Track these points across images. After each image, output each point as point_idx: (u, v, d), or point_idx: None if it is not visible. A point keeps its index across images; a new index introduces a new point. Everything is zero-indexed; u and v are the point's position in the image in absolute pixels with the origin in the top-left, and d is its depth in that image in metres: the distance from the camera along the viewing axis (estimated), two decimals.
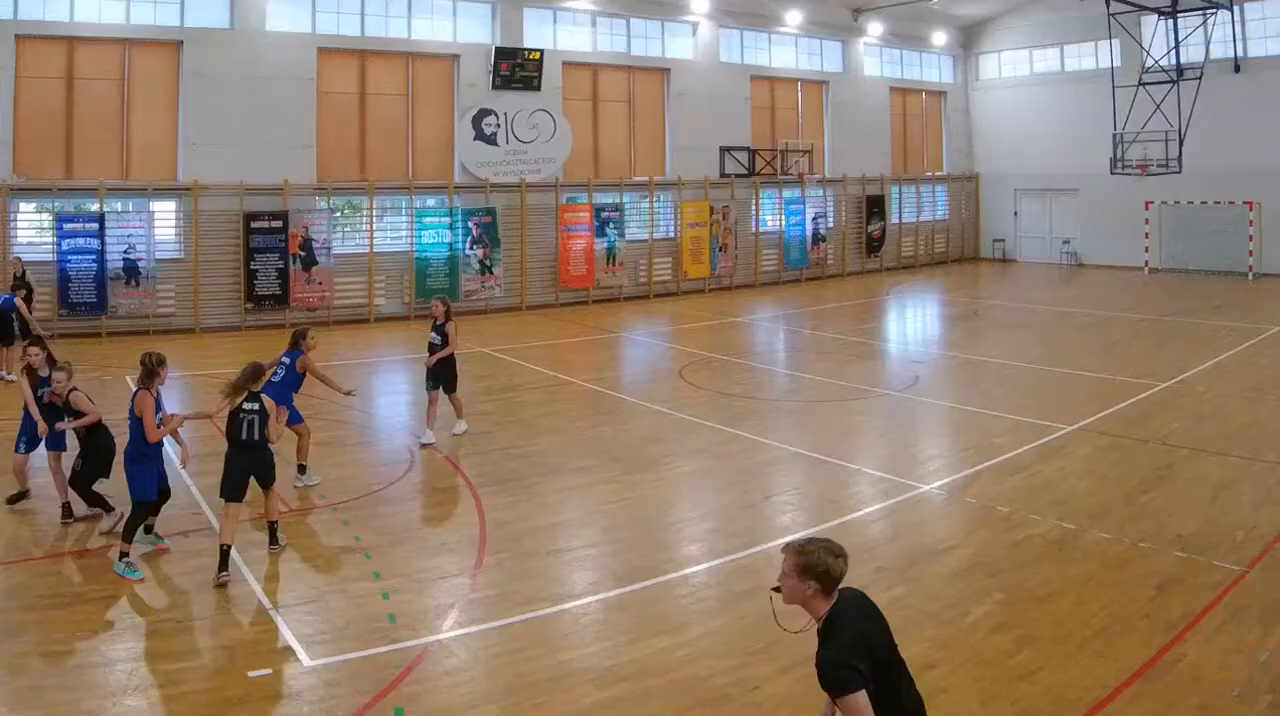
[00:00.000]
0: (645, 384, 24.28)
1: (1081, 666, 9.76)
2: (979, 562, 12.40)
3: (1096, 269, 48.61)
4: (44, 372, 14.25)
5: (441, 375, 18.34)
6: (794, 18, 45.22)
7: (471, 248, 37.28)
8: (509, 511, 14.39)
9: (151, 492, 12.58)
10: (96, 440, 13.88)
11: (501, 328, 33.03)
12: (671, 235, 42.24)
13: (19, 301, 24.51)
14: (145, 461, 12.52)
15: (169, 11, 33.50)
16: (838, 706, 5.80)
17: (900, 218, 50.15)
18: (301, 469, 15.95)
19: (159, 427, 12.64)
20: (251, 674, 9.58)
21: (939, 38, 51.07)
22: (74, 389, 13.90)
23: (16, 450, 14.55)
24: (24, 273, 26.35)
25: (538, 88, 38.89)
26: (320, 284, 34.65)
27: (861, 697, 5.63)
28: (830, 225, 46.92)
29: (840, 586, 6.10)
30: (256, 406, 12.43)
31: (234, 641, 10.36)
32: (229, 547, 11.92)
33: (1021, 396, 21.88)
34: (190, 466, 14.35)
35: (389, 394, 23.33)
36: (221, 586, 11.60)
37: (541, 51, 38.87)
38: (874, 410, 21.13)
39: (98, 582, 11.87)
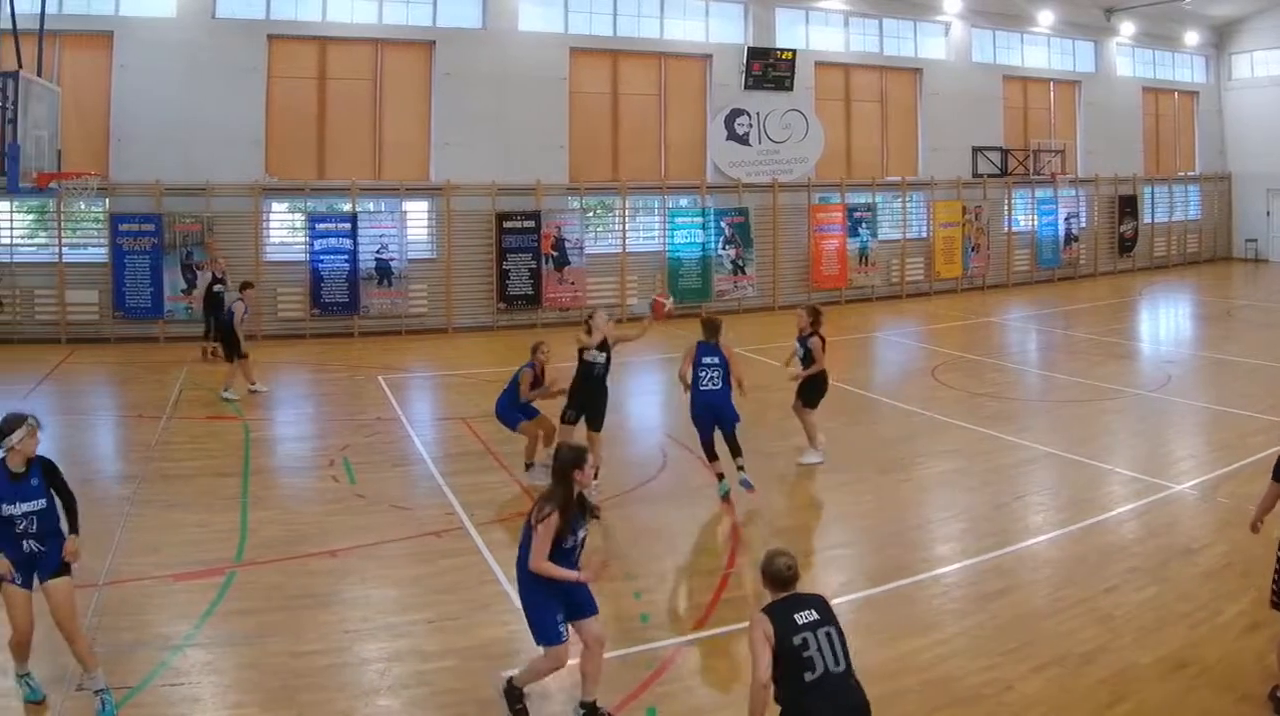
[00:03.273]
0: (897, 384, 21.22)
1: None
2: (1231, 562, 10.71)
3: None
4: None
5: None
6: (1046, 18, 37.16)
7: (724, 247, 31.06)
8: (761, 511, 12.75)
9: None
10: None
11: (754, 327, 27.97)
12: (924, 235, 34.99)
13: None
14: None
15: (421, 11, 28.15)
16: None
17: (1152, 217, 41.38)
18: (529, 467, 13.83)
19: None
20: (504, 673, 8.04)
21: (1191, 37, 41.86)
22: None
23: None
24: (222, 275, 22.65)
25: (790, 88, 32.16)
26: (573, 284, 28.92)
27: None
28: (1082, 225, 38.82)
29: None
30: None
31: (486, 641, 9.16)
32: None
33: (1276, 396, 18.69)
34: (443, 466, 13.86)
35: (641, 394, 19.88)
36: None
37: (794, 51, 32.18)
38: (1126, 410, 18.32)
39: (348, 583, 10.49)
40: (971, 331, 28.00)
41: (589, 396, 13.25)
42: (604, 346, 13.20)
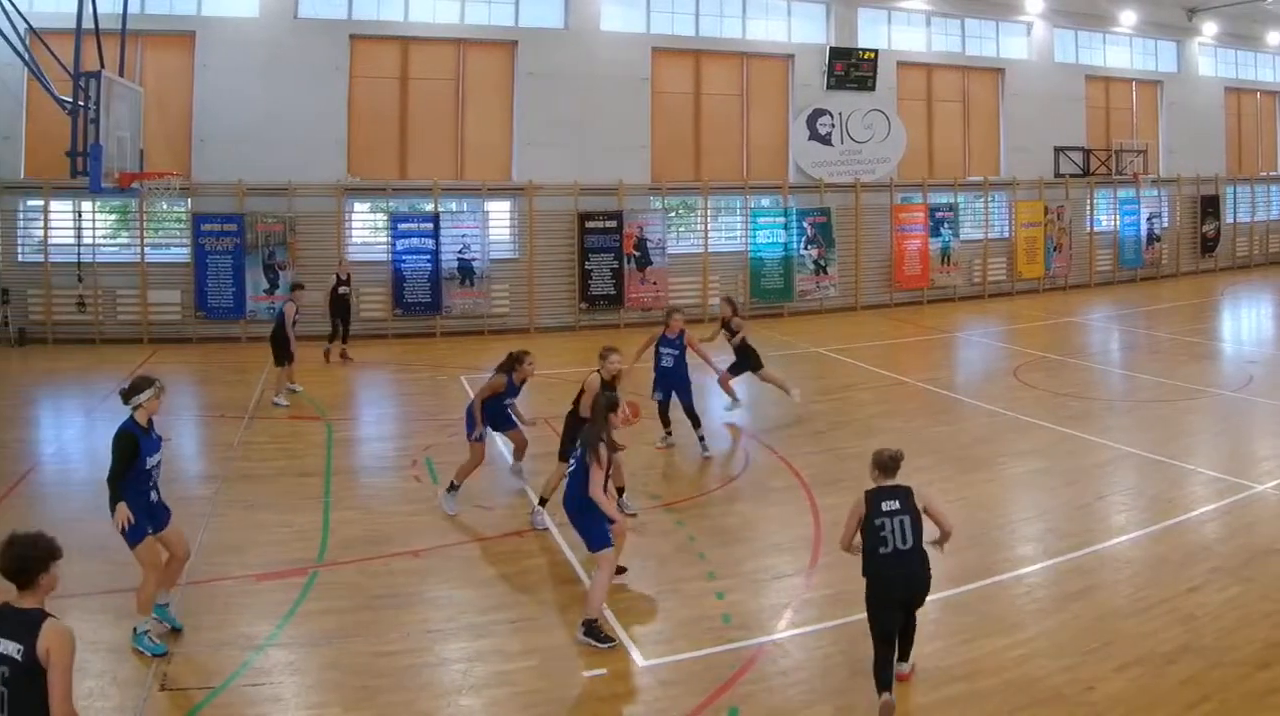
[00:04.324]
0: (979, 383, 19.99)
1: None
2: None
3: None
4: None
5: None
6: (1128, 18, 34.29)
7: (806, 247, 28.75)
8: (843, 511, 9.89)
9: None
10: None
11: (836, 327, 26.35)
12: (1006, 235, 32.37)
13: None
14: None
15: (504, 11, 26.21)
16: None
17: (1234, 217, 38.36)
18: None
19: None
20: (586, 674, 7.94)
21: (1274, 37, 38.55)
22: None
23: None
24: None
25: (872, 88, 29.79)
26: (655, 284, 26.76)
27: None
28: (1164, 225, 35.92)
29: None
30: None
31: (568, 641, 8.50)
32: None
33: None
34: (523, 465, 13.04)
35: (723, 395, 17.43)
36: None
37: (876, 52, 29.80)
38: (1208, 410, 17.21)
39: (430, 582, 9.80)
40: (1054, 331, 26.06)
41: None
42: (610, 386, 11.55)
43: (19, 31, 19.17)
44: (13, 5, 18.99)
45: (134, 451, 8.08)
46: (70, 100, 18.08)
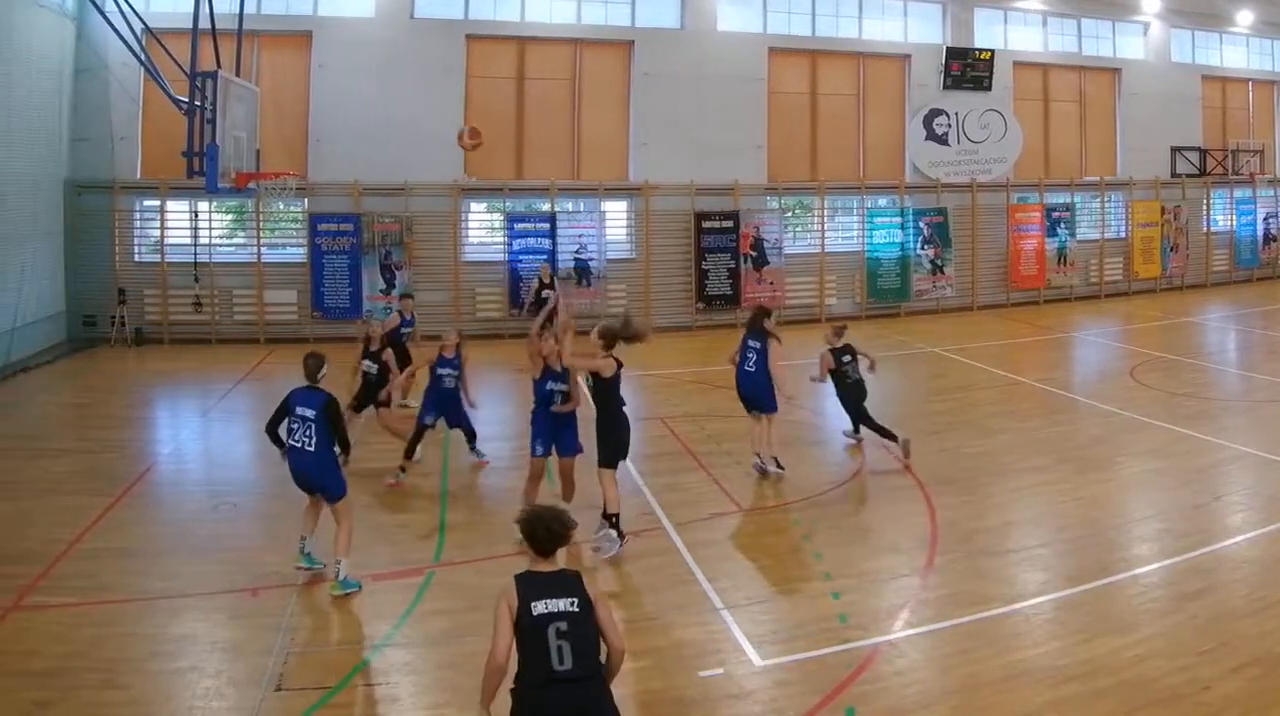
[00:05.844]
0: (1095, 384, 18.26)
1: None
2: None
3: None
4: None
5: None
6: (1245, 18, 30.66)
7: (923, 247, 25.70)
8: (959, 511, 10.68)
9: None
10: None
11: (953, 327, 23.95)
12: (1122, 235, 28.99)
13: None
14: None
15: (620, 12, 23.61)
16: None
17: None
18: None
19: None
20: (703, 674, 7.29)
21: None
22: None
23: None
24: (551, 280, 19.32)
25: (988, 88, 26.62)
26: (771, 284, 23.87)
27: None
28: None
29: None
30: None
31: (685, 641, 7.84)
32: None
33: None
34: (642, 466, 11.89)
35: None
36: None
37: (992, 51, 26.63)
38: None
39: None
40: (1170, 331, 23.81)
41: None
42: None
43: (136, 32, 17.59)
44: (130, 6, 17.40)
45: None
46: (186, 100, 16.48)
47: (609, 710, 5.26)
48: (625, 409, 9.57)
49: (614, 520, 9.37)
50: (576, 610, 5.23)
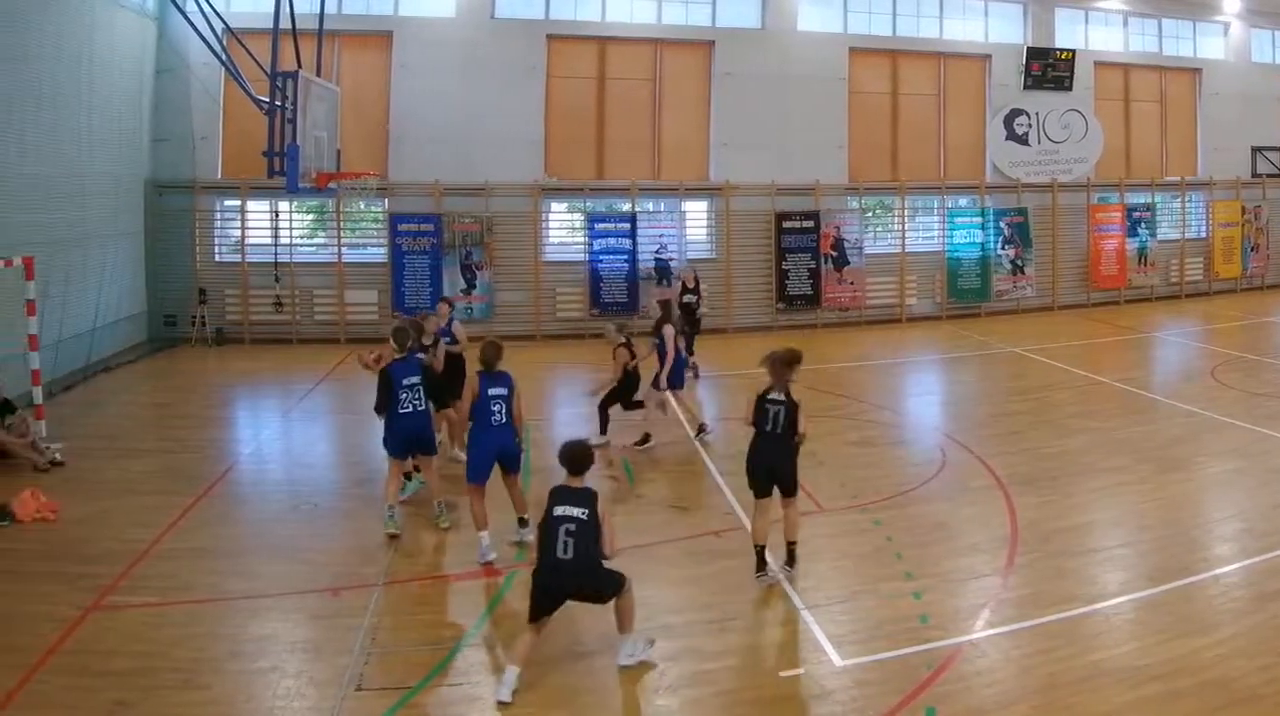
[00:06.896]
0: (1176, 384, 17.23)
1: None
2: None
3: None
4: None
5: None
6: None
7: (1003, 247, 23.75)
8: (1040, 511, 10.06)
9: None
10: None
11: (1033, 327, 22.46)
12: (1202, 235, 26.88)
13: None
14: None
15: (700, 12, 21.90)
16: None
17: None
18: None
19: None
20: (783, 674, 6.92)
21: None
22: None
23: None
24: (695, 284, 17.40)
25: (1069, 88, 24.58)
26: (852, 284, 22.11)
27: None
28: None
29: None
30: (782, 397, 8.25)
31: (766, 641, 7.61)
32: (763, 548, 8.18)
33: None
34: (722, 466, 11.17)
35: (920, 394, 16.82)
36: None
37: (1073, 51, 24.58)
38: None
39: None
40: (1251, 331, 22.39)
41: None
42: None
43: (216, 32, 16.36)
44: (210, 6, 16.20)
45: None
46: (267, 100, 15.43)
47: (604, 584, 6.63)
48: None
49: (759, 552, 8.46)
50: (585, 518, 6.55)
